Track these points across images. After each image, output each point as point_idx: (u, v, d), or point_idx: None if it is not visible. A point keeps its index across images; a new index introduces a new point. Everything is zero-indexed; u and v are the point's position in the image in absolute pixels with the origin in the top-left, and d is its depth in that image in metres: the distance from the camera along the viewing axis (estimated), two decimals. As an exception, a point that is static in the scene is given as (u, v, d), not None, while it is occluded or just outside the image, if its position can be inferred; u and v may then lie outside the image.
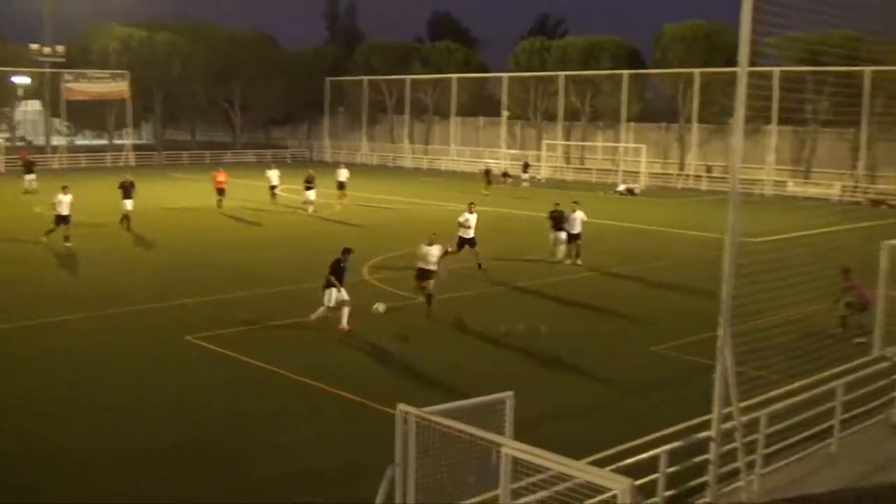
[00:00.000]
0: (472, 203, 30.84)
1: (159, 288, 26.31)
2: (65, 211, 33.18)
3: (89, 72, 78.73)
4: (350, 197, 47.59)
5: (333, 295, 21.56)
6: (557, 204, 32.25)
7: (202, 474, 13.45)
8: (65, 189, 33.61)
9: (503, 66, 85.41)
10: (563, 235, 30.94)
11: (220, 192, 44.98)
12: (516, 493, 8.53)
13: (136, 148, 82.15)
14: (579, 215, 31.15)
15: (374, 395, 16.54)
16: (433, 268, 23.70)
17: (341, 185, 47.77)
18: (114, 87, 78.59)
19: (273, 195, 46.99)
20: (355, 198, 47.66)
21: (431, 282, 23.46)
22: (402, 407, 9.04)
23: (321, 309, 21.74)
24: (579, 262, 30.63)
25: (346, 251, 22.20)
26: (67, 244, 32.62)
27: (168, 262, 30.58)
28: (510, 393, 9.76)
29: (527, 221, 42.07)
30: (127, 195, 38.22)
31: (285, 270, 29.01)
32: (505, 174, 65.77)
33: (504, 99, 78.86)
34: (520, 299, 25.64)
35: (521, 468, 8.10)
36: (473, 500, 9.03)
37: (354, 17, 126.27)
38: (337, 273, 21.73)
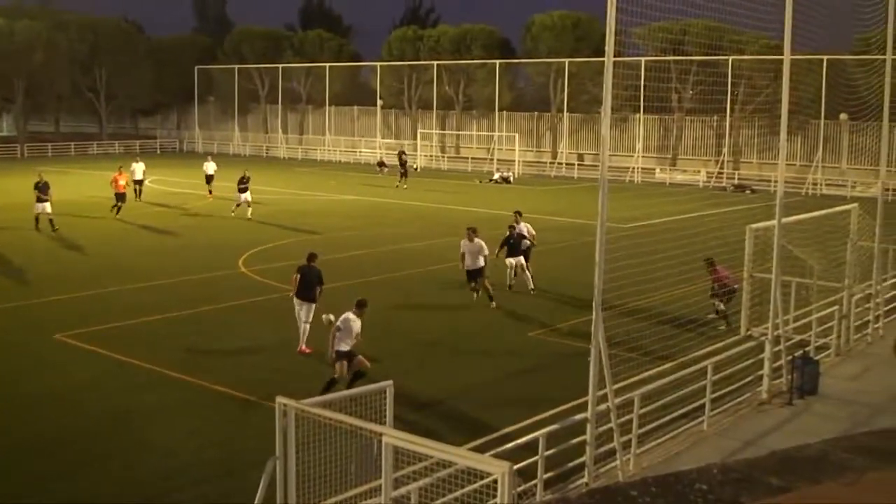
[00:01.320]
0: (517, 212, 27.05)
1: (29, 285, 25.39)
2: None
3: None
4: (222, 189, 46.78)
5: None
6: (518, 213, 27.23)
7: (79, 472, 13.07)
8: None
9: (377, 55, 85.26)
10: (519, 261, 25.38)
11: (121, 197, 38.77)
12: (399, 482, 8.56)
13: (-3, 140, 79.02)
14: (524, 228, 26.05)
15: (254, 388, 16.34)
16: (482, 264, 23.16)
17: (209, 179, 46.40)
18: (-30, 77, 75.24)
19: (138, 191, 44.07)
20: (230, 189, 46.74)
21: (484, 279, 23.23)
22: (281, 399, 8.95)
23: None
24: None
25: (312, 257, 19.70)
26: None
27: (39, 258, 29.48)
28: (390, 382, 9.78)
29: (403, 210, 42.15)
30: (43, 197, 34.41)
31: (157, 265, 28.32)
32: (381, 164, 65.71)
33: (378, 88, 78.71)
34: (396, 288, 25.67)
35: (402, 456, 8.12)
36: (356, 490, 9.02)
37: (224, 4, 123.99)
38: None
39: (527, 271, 25.09)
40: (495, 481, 7.35)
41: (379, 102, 78.69)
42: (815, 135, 58.57)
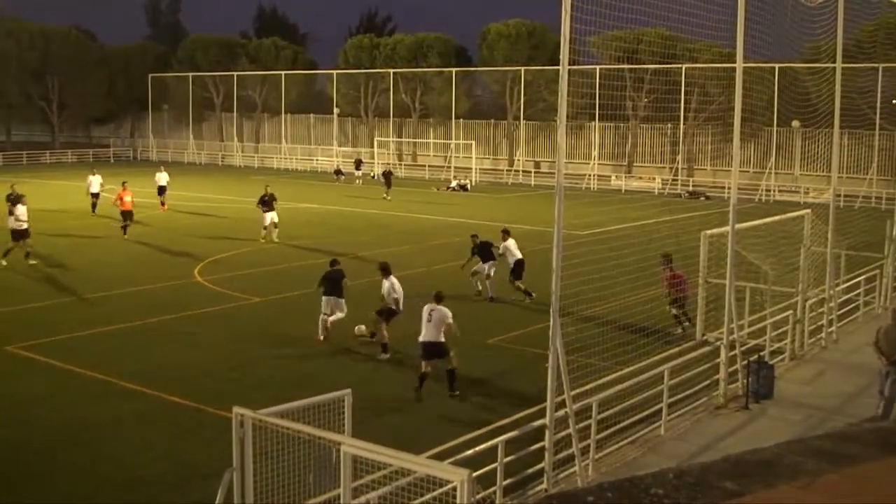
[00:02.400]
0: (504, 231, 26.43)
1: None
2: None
3: None
4: (178, 197, 46.41)
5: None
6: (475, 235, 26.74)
7: (30, 487, 12.84)
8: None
9: (333, 63, 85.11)
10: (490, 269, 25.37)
11: (127, 215, 36.06)
12: (358, 491, 8.52)
13: (-55, 150, 77.76)
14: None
15: (209, 398, 16.19)
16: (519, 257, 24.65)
17: (161, 190, 44.96)
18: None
19: (94, 204, 42.64)
20: (184, 198, 46.49)
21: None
22: (237, 410, 8.88)
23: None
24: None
25: (334, 262, 21.45)
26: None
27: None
28: (348, 390, 9.73)
29: (360, 218, 42.05)
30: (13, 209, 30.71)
31: (112, 275, 27.97)
32: (338, 171, 65.57)
33: (334, 96, 78.55)
34: (352, 296, 25.56)
35: (361, 465, 8.09)
36: (315, 500, 8.97)
37: (177, 12, 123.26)
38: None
39: (488, 280, 25.23)
40: (455, 489, 7.35)
41: (335, 110, 78.52)
42: (768, 142, 59.37)
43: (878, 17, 31.88)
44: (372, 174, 68.31)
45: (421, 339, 16.93)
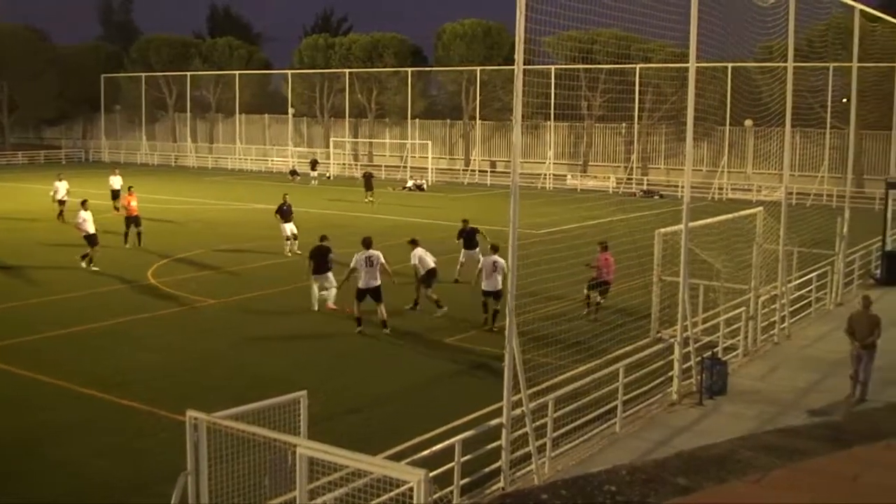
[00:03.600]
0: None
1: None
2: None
3: None
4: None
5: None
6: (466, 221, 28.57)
7: (-22, 497, 12.63)
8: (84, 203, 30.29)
9: (287, 63, 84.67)
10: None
11: (134, 221, 34.13)
12: (314, 493, 8.48)
13: None
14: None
15: (163, 402, 16.01)
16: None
17: (115, 194, 42.42)
18: None
19: (61, 210, 40.86)
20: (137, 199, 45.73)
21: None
22: (191, 413, 8.79)
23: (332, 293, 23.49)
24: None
25: (324, 238, 24.16)
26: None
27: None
28: (303, 392, 9.69)
29: (316, 219, 41.85)
30: None
31: (63, 278, 27.56)
32: (293, 172, 65.23)
33: (289, 96, 78.16)
34: (308, 296, 25.45)
35: (317, 467, 8.05)
36: (271, 502, 8.91)
37: (129, 11, 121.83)
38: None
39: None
40: (411, 489, 7.34)
41: (290, 111, 78.13)
42: (721, 141, 59.97)
43: (828, 17, 32.29)
44: (328, 175, 68.05)
45: (485, 287, 21.73)
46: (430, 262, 23.81)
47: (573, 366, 15.66)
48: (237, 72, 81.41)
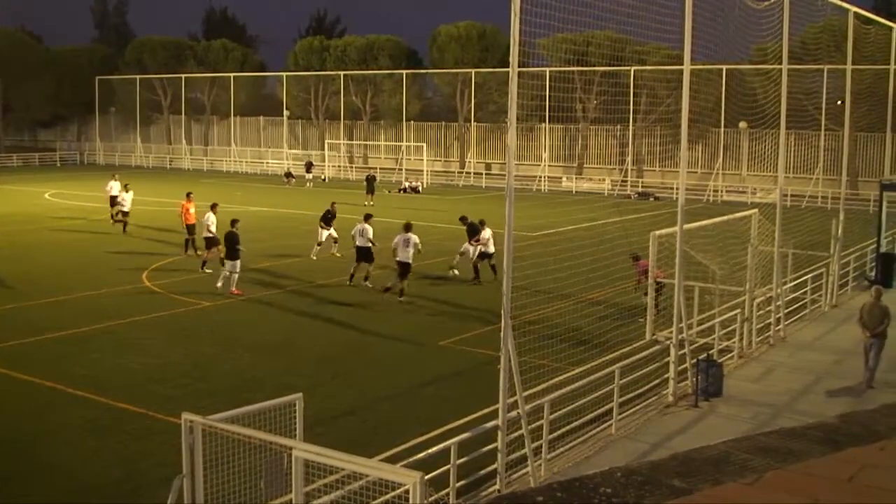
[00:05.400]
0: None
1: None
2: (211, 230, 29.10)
3: None
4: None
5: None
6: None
7: (-27, 501, 12.60)
8: (214, 207, 30.12)
9: (282, 66, 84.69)
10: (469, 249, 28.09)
11: (192, 229, 32.46)
12: (310, 496, 8.47)
13: None
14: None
15: (159, 404, 16.00)
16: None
17: (113, 201, 40.74)
18: None
19: (117, 213, 39.32)
20: (132, 202, 45.67)
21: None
22: (186, 416, 8.79)
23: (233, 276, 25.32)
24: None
25: (234, 221, 26.13)
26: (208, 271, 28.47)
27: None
28: (299, 395, 9.68)
29: (312, 221, 41.79)
30: None
31: (59, 281, 27.52)
32: (288, 175, 65.22)
33: (284, 98, 78.14)
34: (304, 298, 25.46)
35: (313, 470, 8.05)
36: (267, 505, 8.91)
37: (124, 13, 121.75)
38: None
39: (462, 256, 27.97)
40: (407, 491, 7.34)
41: (285, 113, 78.14)
42: (716, 143, 60.09)
43: (823, 19, 32.41)
44: (323, 177, 68.03)
45: (400, 259, 24.61)
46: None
47: (569, 368, 15.68)
48: (232, 74, 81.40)
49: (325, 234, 31.98)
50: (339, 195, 54.67)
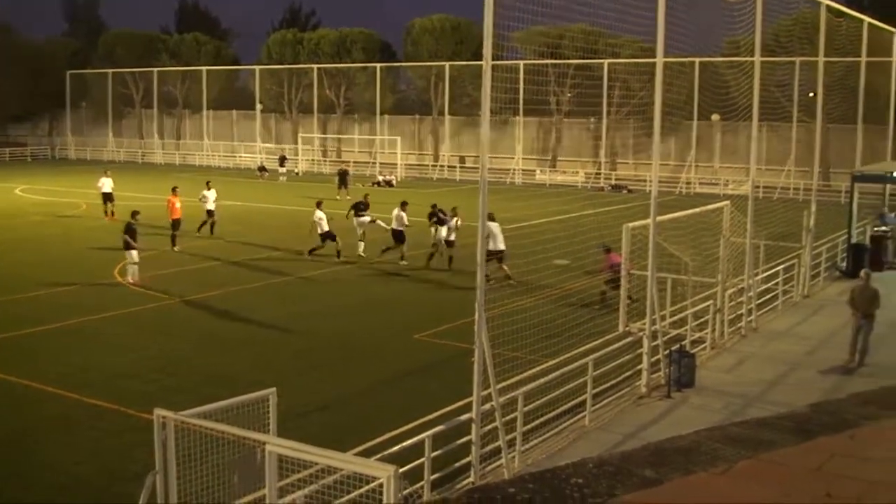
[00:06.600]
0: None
1: None
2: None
3: None
4: (97, 196, 45.37)
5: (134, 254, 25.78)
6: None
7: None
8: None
9: (255, 59, 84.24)
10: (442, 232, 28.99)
11: (176, 224, 32.57)
12: (284, 491, 8.44)
13: None
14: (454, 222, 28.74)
15: (132, 400, 15.88)
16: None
17: (107, 197, 40.16)
18: None
19: (108, 209, 39.40)
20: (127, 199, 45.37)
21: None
22: (159, 412, 8.73)
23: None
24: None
25: (135, 213, 27.09)
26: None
27: None
28: (273, 389, 9.64)
29: (286, 216, 41.68)
30: None
31: (32, 276, 27.23)
32: (261, 169, 64.92)
33: (257, 92, 77.75)
34: (276, 293, 25.38)
35: (287, 464, 8.02)
36: (240, 501, 8.86)
37: (96, 6, 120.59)
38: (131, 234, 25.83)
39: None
40: (382, 485, 7.33)
41: (258, 106, 77.76)
42: (689, 135, 60.34)
43: (795, 12, 32.59)
44: (296, 171, 67.79)
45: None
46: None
47: (543, 360, 15.71)
48: (204, 67, 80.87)
49: (359, 221, 31.31)
50: (312, 189, 54.61)
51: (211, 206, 35.64)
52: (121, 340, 20.25)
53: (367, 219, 31.40)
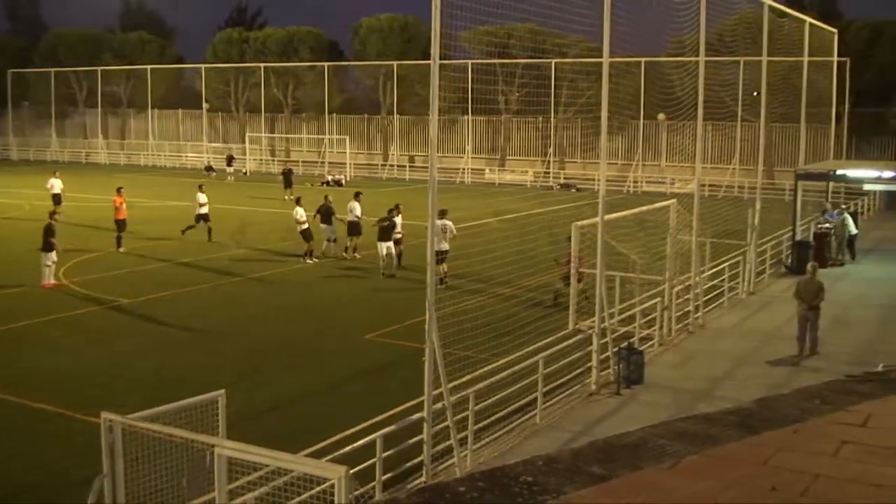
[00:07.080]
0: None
1: None
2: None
3: None
4: (38, 196, 44.67)
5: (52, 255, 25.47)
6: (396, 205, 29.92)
7: None
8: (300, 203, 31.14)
9: (201, 58, 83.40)
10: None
11: (121, 225, 32.09)
12: (234, 493, 8.39)
13: None
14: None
15: (77, 404, 15.66)
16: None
17: (57, 199, 39.46)
18: None
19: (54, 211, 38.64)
20: (45, 196, 44.64)
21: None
22: (106, 415, 8.63)
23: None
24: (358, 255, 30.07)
25: (53, 214, 27.47)
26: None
27: None
28: (222, 391, 9.58)
29: (234, 217, 41.35)
30: None
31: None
32: (209, 168, 64.32)
33: (203, 91, 76.99)
34: (226, 294, 25.18)
35: (237, 467, 7.97)
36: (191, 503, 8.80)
37: (37, 6, 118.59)
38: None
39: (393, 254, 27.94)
40: (333, 486, 7.31)
41: (204, 106, 77.02)
42: (635, 134, 60.89)
43: (738, 11, 33.03)
44: (244, 171, 67.28)
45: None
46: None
47: (493, 359, 15.77)
48: (149, 66, 79.84)
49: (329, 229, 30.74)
50: (259, 189, 54.33)
51: (204, 209, 34.61)
52: (66, 343, 19.95)
53: (333, 226, 30.72)
